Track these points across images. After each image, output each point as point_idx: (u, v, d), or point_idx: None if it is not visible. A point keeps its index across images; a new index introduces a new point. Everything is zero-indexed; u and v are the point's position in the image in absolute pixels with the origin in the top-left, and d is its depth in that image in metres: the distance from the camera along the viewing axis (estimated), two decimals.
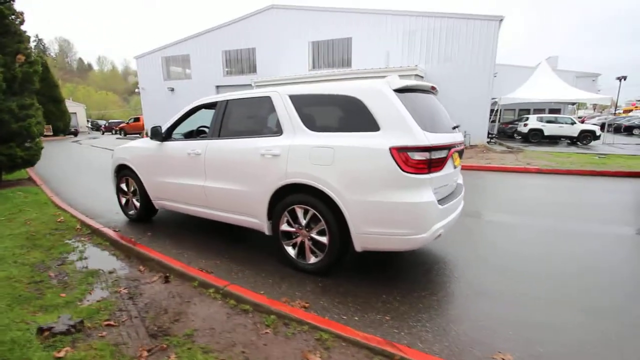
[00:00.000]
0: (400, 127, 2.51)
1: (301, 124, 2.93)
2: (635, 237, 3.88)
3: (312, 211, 2.84)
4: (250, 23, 19.78)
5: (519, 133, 18.40)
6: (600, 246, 3.62)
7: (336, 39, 18.01)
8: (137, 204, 4.47)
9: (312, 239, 2.91)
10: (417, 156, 2.46)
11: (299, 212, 2.92)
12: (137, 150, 4.30)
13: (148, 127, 23.69)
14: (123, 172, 4.55)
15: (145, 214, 4.48)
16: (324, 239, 2.83)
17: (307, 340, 1.97)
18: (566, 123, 17.18)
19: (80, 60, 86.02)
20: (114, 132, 33.44)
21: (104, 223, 4.34)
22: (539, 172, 8.09)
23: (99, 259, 3.32)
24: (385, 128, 2.55)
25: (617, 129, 23.50)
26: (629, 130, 24.83)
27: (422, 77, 14.88)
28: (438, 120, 2.84)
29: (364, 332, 2.04)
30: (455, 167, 2.99)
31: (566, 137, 17.07)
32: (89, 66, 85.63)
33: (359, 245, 2.69)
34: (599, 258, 3.32)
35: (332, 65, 18.51)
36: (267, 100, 3.21)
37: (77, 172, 9.14)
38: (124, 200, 4.69)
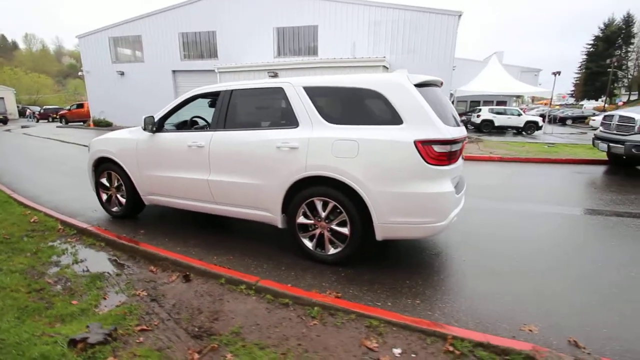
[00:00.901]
0: (424, 120, 2.62)
1: (319, 116, 2.92)
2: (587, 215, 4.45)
3: (332, 203, 2.87)
4: (210, 4, 18.73)
5: (472, 124, 19.71)
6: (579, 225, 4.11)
7: (302, 26, 17.75)
8: (122, 200, 4.16)
9: (331, 230, 2.96)
10: (440, 149, 2.59)
11: (318, 204, 2.95)
12: (123, 142, 3.98)
13: (95, 114, 21.74)
14: (104, 166, 4.19)
15: (131, 211, 4.19)
16: (344, 230, 2.89)
17: (358, 328, 2.04)
18: (513, 114, 18.74)
19: (3, 37, 75.56)
20: (51, 119, 30.16)
21: (85, 221, 3.99)
22: (502, 160, 8.81)
23: (98, 261, 3.07)
24: (409, 121, 2.64)
25: (553, 120, 26.13)
26: (562, 121, 27.79)
27: (387, 68, 15.27)
28: (449, 114, 3.00)
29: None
30: (462, 159, 3.19)
31: (513, 127, 18.65)
32: (14, 45, 75.52)
33: (380, 234, 2.79)
34: (585, 235, 3.78)
35: (298, 53, 18.26)
36: (279, 91, 3.14)
37: (30, 165, 8.19)
38: (105, 196, 4.33)
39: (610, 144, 6.72)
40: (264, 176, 3.10)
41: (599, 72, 50.20)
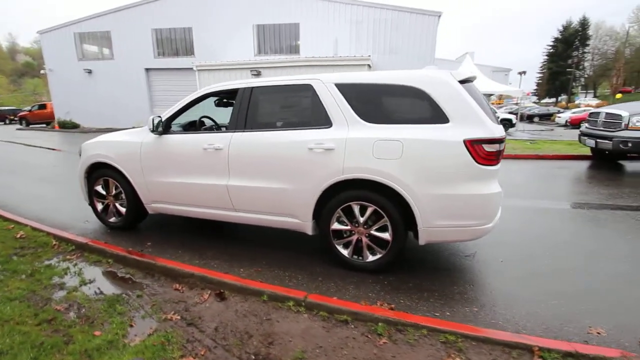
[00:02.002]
0: (472, 119, 2.50)
1: (355, 115, 2.73)
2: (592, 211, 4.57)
3: (372, 207, 2.70)
4: None
5: None
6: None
7: (283, 23, 17.43)
8: (122, 210, 3.77)
9: (370, 235, 2.79)
10: (490, 148, 2.48)
11: (356, 209, 2.76)
12: (123, 145, 3.59)
13: (60, 115, 20.24)
14: (100, 172, 3.77)
15: (132, 221, 3.80)
16: (385, 235, 2.73)
17: (434, 345, 1.88)
18: None
19: None
20: (8, 121, 27.88)
21: (81, 234, 3.57)
22: None
23: (111, 281, 2.71)
24: (455, 120, 2.51)
25: (522, 118, 27.40)
26: (530, 119, 29.19)
27: (370, 67, 15.28)
28: (489, 111, 2.91)
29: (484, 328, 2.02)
30: None
31: None
32: None
33: (424, 239, 2.65)
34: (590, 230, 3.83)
35: (279, 51, 17.92)
36: (307, 88, 2.92)
37: None
38: (100, 206, 3.91)
39: (598, 140, 7.01)
40: (294, 180, 2.87)
41: (559, 72, 53.37)
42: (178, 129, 3.71)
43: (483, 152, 2.46)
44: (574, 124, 21.68)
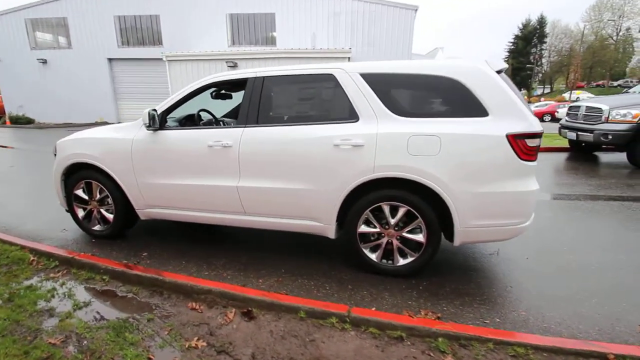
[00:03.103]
0: (513, 112, 2.36)
1: (384, 108, 2.51)
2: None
3: (404, 208, 2.50)
4: None
5: None
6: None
7: (258, 13, 16.79)
8: (109, 216, 3.32)
9: (400, 238, 2.59)
10: (532, 142, 2.35)
11: (386, 210, 2.55)
12: (111, 143, 3.14)
13: (11, 109, 18.36)
14: (81, 174, 3.29)
15: (121, 228, 3.37)
16: (418, 237, 2.54)
17: None
18: None
19: None
20: None
21: (61, 246, 3.10)
22: None
23: (111, 303, 2.31)
24: (495, 113, 2.36)
25: None
26: None
27: (350, 60, 15.10)
28: (525, 103, 2.79)
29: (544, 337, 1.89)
30: None
31: None
32: None
33: (460, 239, 2.49)
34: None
35: (255, 42, 17.28)
36: (329, 78, 2.66)
37: None
38: (81, 212, 3.43)
39: (579, 133, 7.27)
40: (316, 180, 2.61)
41: (520, 68, 56.18)
42: (174, 124, 3.31)
43: (525, 147, 2.33)
44: (537, 117, 22.88)
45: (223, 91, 3.61)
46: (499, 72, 2.55)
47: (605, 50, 50.63)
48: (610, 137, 6.64)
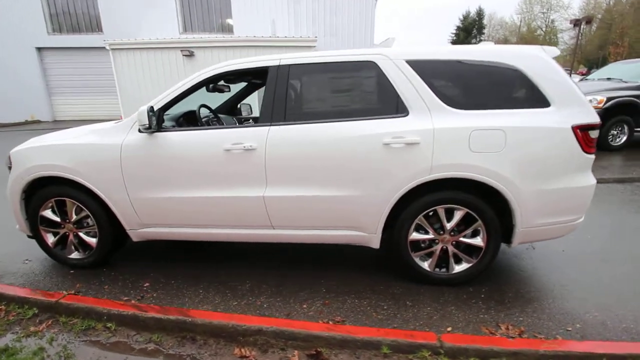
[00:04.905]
0: (575, 101, 2.19)
1: (437, 99, 2.22)
2: None
3: (462, 211, 2.26)
4: None
5: None
6: None
7: None
8: (91, 241, 2.68)
9: (457, 243, 2.36)
10: (594, 134, 2.22)
11: (442, 214, 2.29)
12: (89, 150, 2.49)
13: None
14: (48, 191, 2.61)
15: (107, 254, 2.74)
16: (476, 242, 2.32)
17: None
18: None
19: None
20: None
21: (28, 283, 2.43)
22: None
23: None
24: (557, 103, 2.18)
25: None
26: None
27: (315, 49, 14.65)
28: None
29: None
30: None
31: None
32: None
33: (518, 240, 2.32)
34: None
35: (209, 29, 16.04)
36: (369, 66, 2.30)
37: None
38: (52, 238, 2.74)
39: None
40: (362, 184, 2.26)
41: None
42: (170, 124, 2.74)
43: (588, 138, 2.19)
44: None
45: (222, 82, 3.08)
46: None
47: (536, 40, 55.44)
48: None
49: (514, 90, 2.25)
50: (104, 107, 16.02)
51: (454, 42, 65.52)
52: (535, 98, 2.19)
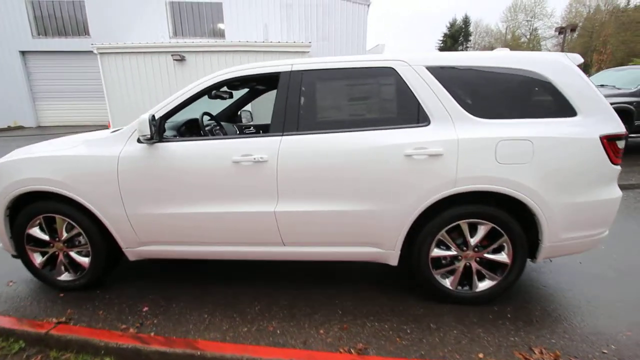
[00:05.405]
0: (601, 110, 2.10)
1: (460, 108, 2.10)
2: None
3: (487, 225, 2.14)
4: None
5: None
6: None
7: (203, 2, 15.39)
8: (83, 260, 2.46)
9: (481, 259, 2.23)
10: (621, 144, 2.13)
11: (465, 229, 2.17)
12: (81, 162, 2.29)
13: None
14: (35, 207, 2.38)
15: (100, 275, 2.52)
16: (501, 258, 2.20)
17: None
18: None
19: None
20: None
21: (16, 309, 2.20)
22: None
23: None
24: (584, 112, 2.08)
25: None
26: None
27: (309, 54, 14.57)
28: None
29: None
30: None
31: None
32: None
33: (543, 256, 2.21)
34: None
35: (200, 34, 15.85)
36: (387, 73, 2.17)
37: None
38: (40, 259, 2.51)
39: None
40: (381, 198, 2.12)
41: None
42: (172, 133, 2.55)
43: (616, 149, 2.10)
44: None
45: (225, 88, 2.91)
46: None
47: (520, 48, 56.88)
48: None
49: (539, 99, 2.15)
50: (91, 113, 15.60)
51: (441, 49, 66.65)
52: (561, 107, 2.09)
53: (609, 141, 2.06)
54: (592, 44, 34.39)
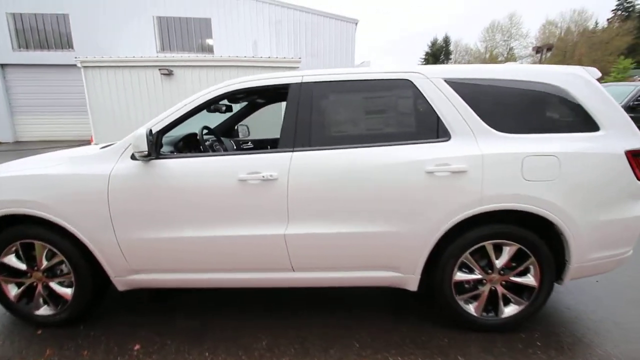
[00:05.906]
0: (623, 125, 2.03)
1: (482, 122, 2.00)
2: None
3: (513, 247, 2.01)
4: None
5: None
6: None
7: (192, 17, 15.34)
8: (64, 292, 2.19)
9: (506, 283, 2.08)
10: None
11: (490, 251, 2.03)
12: (66, 182, 2.04)
13: None
14: (10, 233, 2.12)
15: (85, 308, 2.24)
16: (528, 281, 2.06)
17: None
18: None
19: None
20: None
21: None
22: None
23: None
24: (606, 127, 2.00)
25: None
26: None
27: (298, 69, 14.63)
28: None
29: None
30: None
31: None
32: None
33: (570, 277, 2.08)
34: None
35: (188, 49, 15.72)
36: (404, 85, 2.05)
37: None
38: (15, 291, 2.22)
39: None
40: (401, 218, 1.97)
41: None
42: (169, 149, 2.34)
43: None
44: None
45: (226, 101, 2.74)
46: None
47: None
48: None
49: (561, 113, 2.07)
50: (72, 128, 15.06)
51: None
52: (583, 121, 2.01)
53: (634, 156, 1.98)
54: (566, 63, 36.18)
